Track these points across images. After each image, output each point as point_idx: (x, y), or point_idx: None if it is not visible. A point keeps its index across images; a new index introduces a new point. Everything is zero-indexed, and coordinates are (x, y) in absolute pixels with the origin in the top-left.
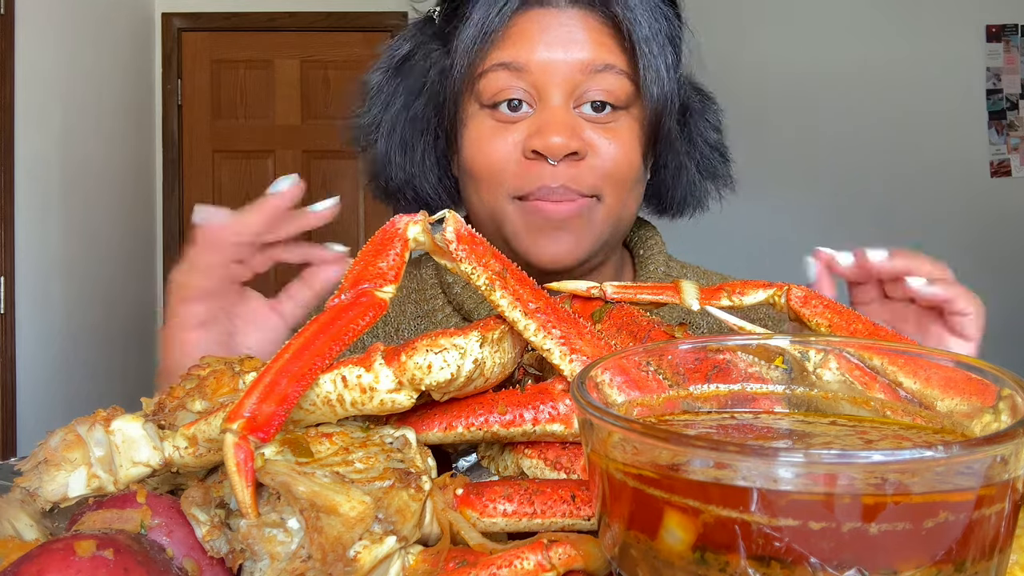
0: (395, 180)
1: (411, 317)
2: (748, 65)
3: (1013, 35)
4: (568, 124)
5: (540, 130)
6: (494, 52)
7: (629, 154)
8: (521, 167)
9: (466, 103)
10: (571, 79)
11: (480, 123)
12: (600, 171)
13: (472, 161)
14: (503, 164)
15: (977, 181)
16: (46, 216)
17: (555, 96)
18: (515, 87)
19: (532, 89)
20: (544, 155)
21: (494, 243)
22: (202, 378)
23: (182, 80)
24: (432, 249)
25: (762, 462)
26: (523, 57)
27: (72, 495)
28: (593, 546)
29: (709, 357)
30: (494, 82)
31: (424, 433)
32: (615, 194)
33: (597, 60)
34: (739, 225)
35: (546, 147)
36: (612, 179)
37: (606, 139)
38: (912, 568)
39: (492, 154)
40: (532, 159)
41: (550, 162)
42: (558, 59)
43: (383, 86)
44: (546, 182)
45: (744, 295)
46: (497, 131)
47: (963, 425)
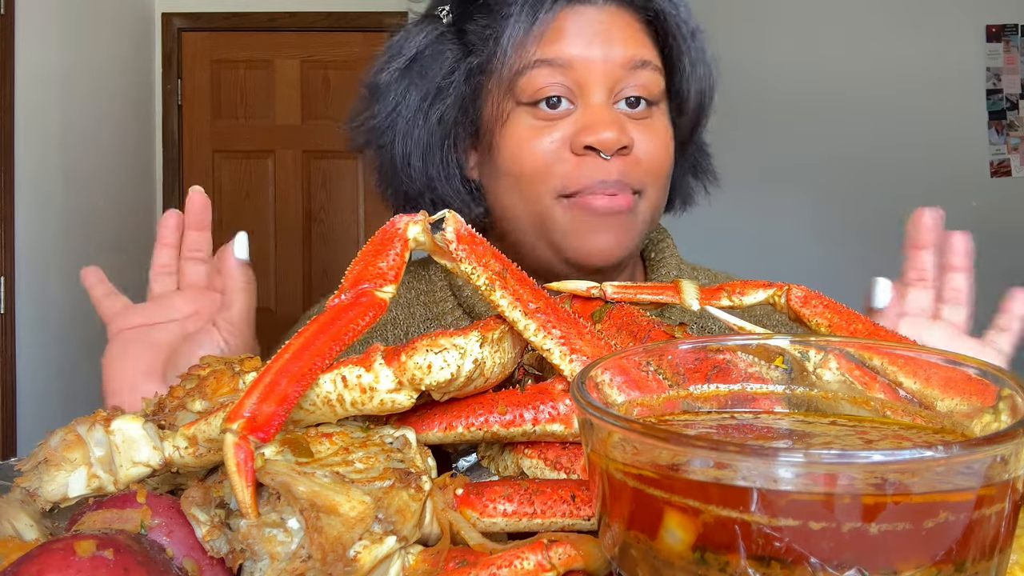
0: (415, 185)
1: (421, 320)
2: (748, 65)
3: (1013, 35)
4: (616, 120)
5: (590, 126)
6: (534, 49)
7: (667, 148)
8: (571, 164)
9: (503, 102)
10: (612, 75)
11: (521, 121)
12: (645, 166)
13: (515, 160)
14: (549, 162)
15: (977, 181)
16: (46, 216)
17: (597, 92)
18: (556, 84)
19: (573, 86)
20: (597, 150)
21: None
22: (202, 378)
23: (182, 80)
24: (432, 249)
25: (762, 462)
26: (565, 54)
27: (72, 495)
28: (593, 546)
29: (709, 357)
30: (536, 79)
31: (424, 433)
32: (656, 189)
33: (636, 57)
34: (738, 225)
35: (600, 142)
36: (655, 174)
37: (646, 136)
38: (912, 568)
39: (536, 152)
40: (583, 155)
41: (603, 156)
42: (599, 56)
43: (393, 87)
44: (601, 176)
45: (744, 295)
46: (539, 129)
47: (963, 425)
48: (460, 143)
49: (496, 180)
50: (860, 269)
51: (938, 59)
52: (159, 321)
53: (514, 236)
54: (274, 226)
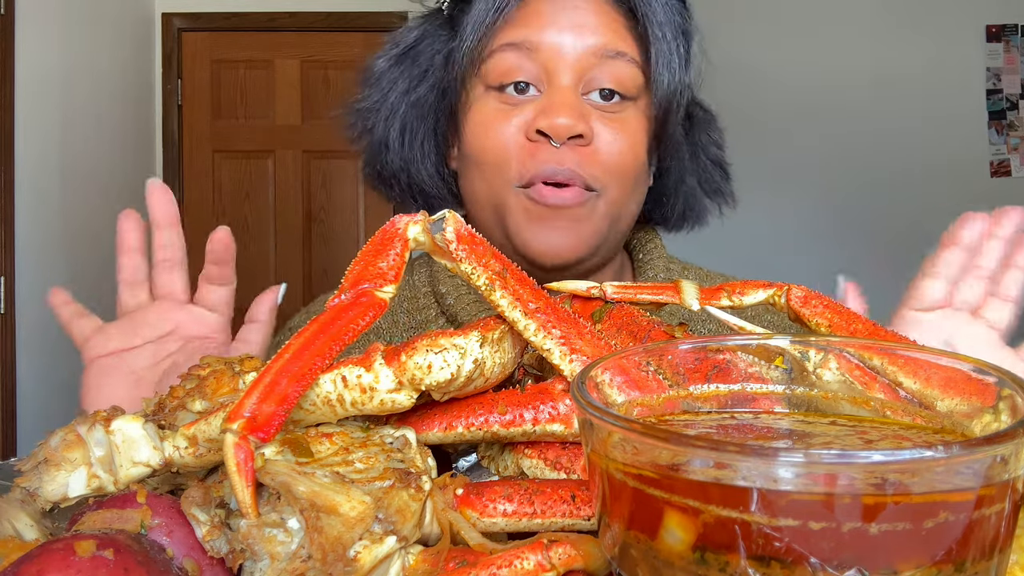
0: (391, 166)
1: (403, 328)
2: (748, 65)
3: (1013, 35)
4: (575, 106)
5: (545, 110)
6: (503, 32)
7: (635, 147)
8: (524, 150)
9: (472, 86)
10: (581, 62)
11: (485, 105)
12: (605, 162)
13: (476, 145)
14: (507, 148)
15: (977, 181)
16: (46, 216)
17: (564, 78)
18: (523, 68)
19: (541, 71)
20: (548, 136)
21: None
22: (202, 378)
23: (182, 80)
24: (432, 249)
25: (762, 462)
26: (534, 37)
27: (72, 495)
28: (593, 546)
29: (709, 357)
30: (502, 62)
31: (424, 433)
32: (618, 188)
33: (609, 46)
34: (738, 225)
35: (551, 127)
36: (616, 172)
37: (612, 130)
38: (912, 568)
39: (497, 137)
40: (536, 141)
41: (553, 143)
42: (569, 41)
43: (386, 73)
44: (551, 164)
45: (744, 295)
46: (503, 113)
47: (963, 425)
48: (439, 129)
49: (464, 166)
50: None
51: (938, 59)
52: (133, 345)
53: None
54: (274, 226)
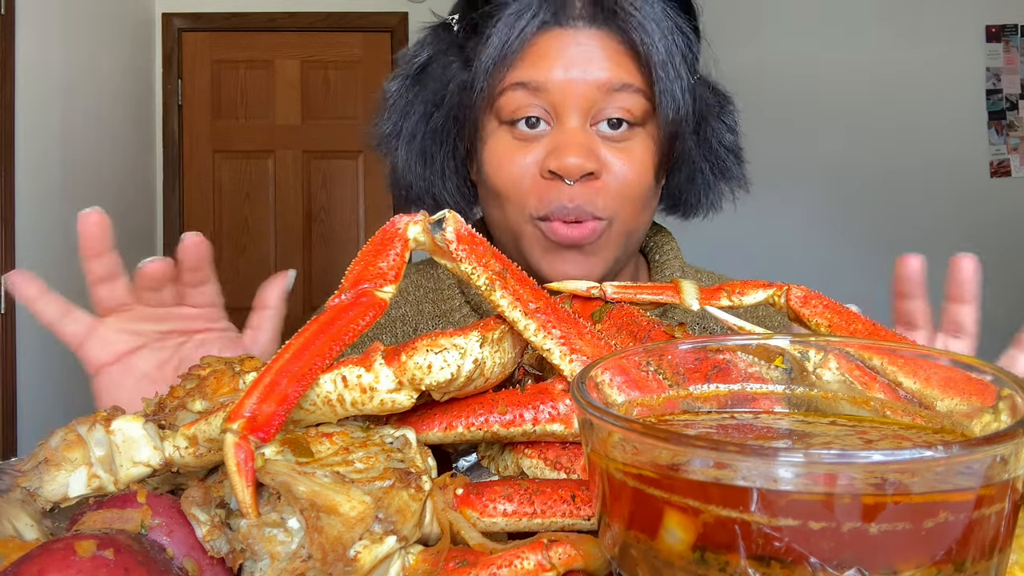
0: (415, 188)
1: (429, 317)
2: (747, 66)
3: (1013, 35)
4: (585, 145)
5: (557, 150)
6: (513, 72)
7: (642, 175)
8: (538, 186)
9: (486, 120)
10: (588, 98)
11: (499, 140)
12: (614, 192)
13: (493, 179)
14: (521, 182)
15: (977, 181)
16: (46, 216)
17: (572, 116)
18: (533, 105)
19: (550, 107)
20: (561, 176)
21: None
22: (202, 378)
23: (182, 80)
24: (432, 249)
25: (762, 462)
26: (541, 77)
27: (72, 495)
28: (593, 546)
29: (709, 357)
30: (512, 101)
31: (424, 433)
32: (628, 213)
33: (615, 80)
34: (739, 225)
35: (563, 167)
36: (625, 200)
37: (620, 160)
38: (912, 568)
39: (512, 173)
40: (549, 179)
41: (567, 182)
42: (576, 79)
43: (402, 94)
44: (563, 202)
45: (744, 295)
46: (516, 149)
47: (963, 425)
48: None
49: (483, 191)
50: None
51: (938, 59)
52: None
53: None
54: (274, 226)
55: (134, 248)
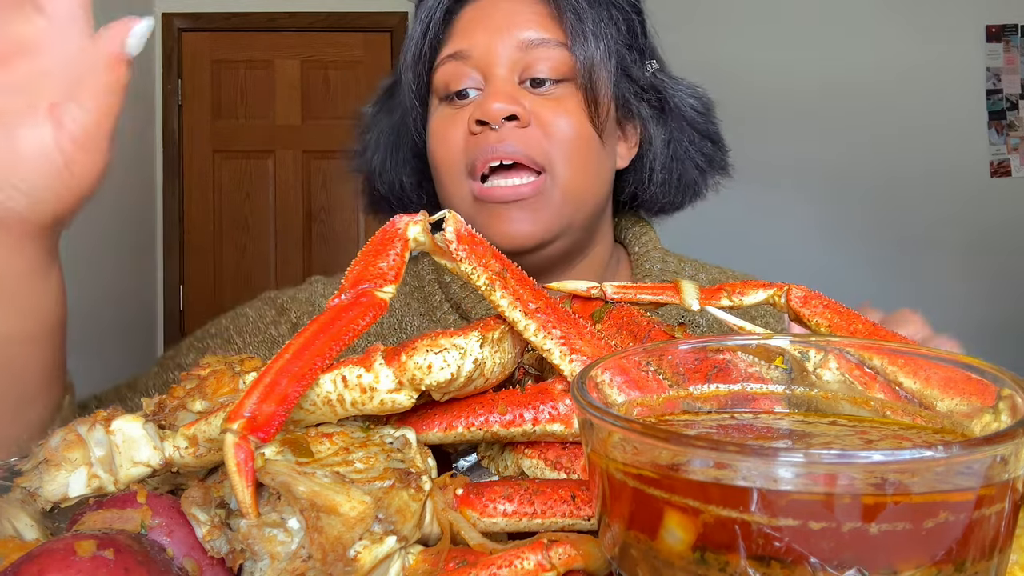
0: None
1: (415, 313)
2: (747, 65)
3: (1013, 35)
4: (509, 93)
5: (481, 103)
6: (443, 47)
7: (575, 124)
8: (469, 142)
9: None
10: (511, 57)
11: (438, 115)
12: (548, 138)
13: (432, 152)
14: (455, 147)
15: (977, 181)
16: None
17: (498, 74)
18: (463, 74)
19: (479, 73)
20: (487, 122)
21: None
22: (202, 378)
23: (182, 80)
24: (432, 249)
25: (762, 462)
26: (466, 44)
27: (72, 495)
28: (593, 546)
29: (709, 357)
30: (444, 74)
31: (424, 433)
32: (567, 165)
33: (534, 36)
34: (739, 225)
35: (486, 112)
36: (562, 148)
37: (550, 108)
38: (912, 568)
39: (448, 139)
40: (478, 132)
41: (492, 127)
42: (497, 40)
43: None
44: (495, 145)
45: (744, 295)
46: (451, 118)
47: (963, 425)
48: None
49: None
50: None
51: (938, 59)
52: None
53: None
54: (274, 226)
55: (134, 248)
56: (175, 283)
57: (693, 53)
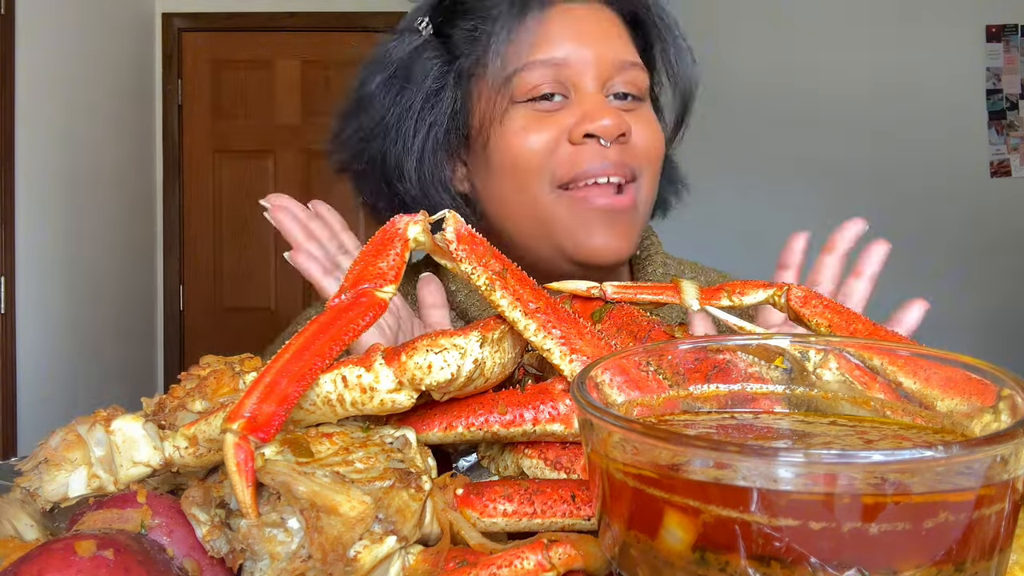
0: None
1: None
2: (748, 65)
3: (1013, 35)
4: (611, 108)
5: (589, 115)
6: (526, 49)
7: (661, 137)
8: (570, 152)
9: (496, 102)
10: (603, 73)
11: (516, 116)
12: (642, 152)
13: (512, 155)
14: (548, 153)
15: (977, 181)
16: (46, 216)
17: (590, 86)
18: (550, 81)
19: (567, 81)
20: (597, 137)
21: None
22: (202, 378)
23: (182, 80)
24: (432, 249)
25: (762, 462)
26: (558, 54)
27: (72, 495)
28: (593, 546)
29: (709, 357)
30: (529, 79)
31: (424, 433)
32: (650, 175)
33: (625, 57)
34: (739, 225)
35: (600, 129)
36: (650, 159)
37: (639, 123)
38: (912, 568)
39: (535, 144)
40: (582, 144)
41: (602, 143)
42: (590, 54)
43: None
44: (600, 160)
45: (744, 295)
46: (537, 121)
47: (963, 425)
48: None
49: (492, 182)
50: None
51: (938, 59)
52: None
53: (515, 238)
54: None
55: (134, 248)
56: (175, 283)
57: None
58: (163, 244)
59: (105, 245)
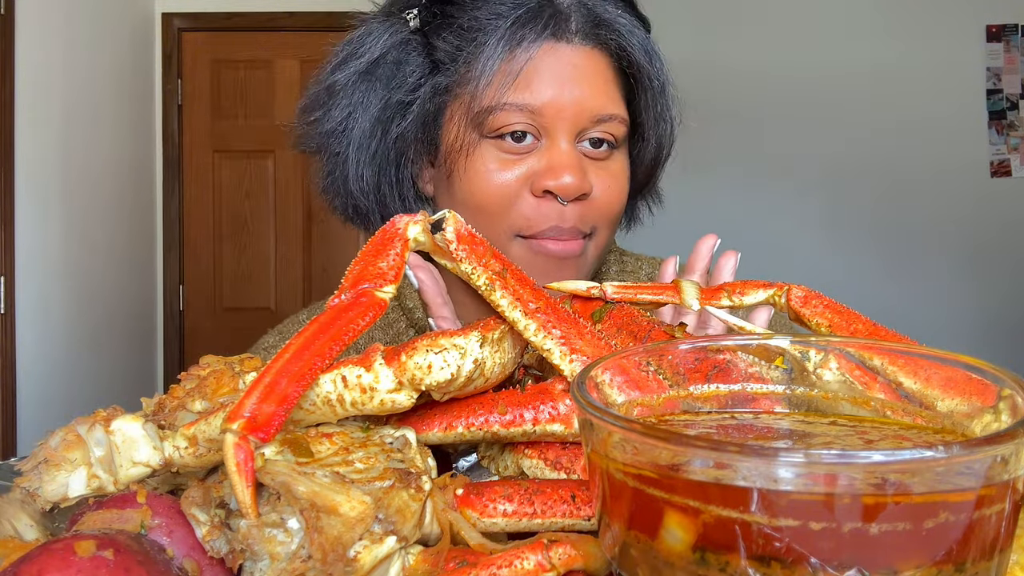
0: (366, 200)
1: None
2: (748, 65)
3: (1013, 35)
4: (578, 165)
5: (552, 169)
6: (507, 90)
7: (623, 191)
8: (530, 205)
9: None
10: (579, 123)
11: (483, 154)
12: (600, 211)
13: (476, 193)
14: (510, 199)
15: (977, 181)
16: (46, 216)
17: (562, 134)
18: (522, 122)
19: (540, 125)
20: (555, 194)
21: None
22: (202, 378)
23: (182, 80)
24: (432, 249)
25: (762, 462)
26: (537, 99)
27: (72, 495)
28: (593, 546)
29: (709, 357)
30: (503, 118)
31: (424, 433)
32: (605, 230)
33: (604, 111)
34: (739, 225)
35: (560, 188)
36: (607, 217)
37: (604, 179)
38: (912, 568)
39: (500, 188)
40: (542, 198)
41: (561, 201)
42: (568, 102)
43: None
44: (556, 223)
45: (744, 295)
46: (503, 164)
47: (963, 425)
48: (417, 158)
49: (452, 206)
50: (860, 269)
51: (938, 59)
52: None
53: None
54: (274, 226)
55: (134, 248)
56: (175, 283)
57: (693, 52)
58: (163, 244)
59: (105, 245)
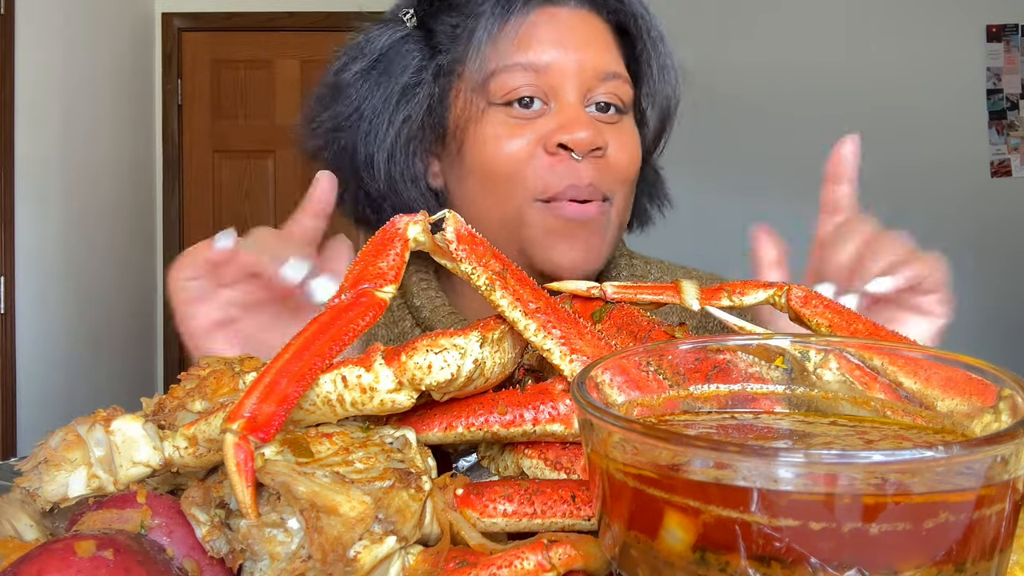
0: (378, 187)
1: (383, 341)
2: (748, 65)
3: (1013, 35)
4: (590, 121)
5: (565, 126)
6: (507, 51)
7: (637, 154)
8: (544, 165)
9: (472, 102)
10: (585, 81)
11: (492, 120)
12: (616, 170)
13: (487, 160)
14: (523, 162)
15: (977, 181)
16: (46, 216)
17: (570, 94)
18: (529, 85)
19: (547, 87)
20: (570, 149)
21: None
22: (202, 378)
23: (182, 80)
24: (432, 249)
25: (762, 462)
26: (540, 58)
27: (72, 495)
28: (593, 546)
29: (709, 357)
30: (508, 81)
31: (424, 433)
32: (624, 195)
33: (609, 68)
34: (738, 224)
35: (574, 142)
36: (625, 179)
37: (617, 138)
38: (912, 568)
39: (510, 151)
40: (556, 155)
41: (575, 157)
42: (572, 61)
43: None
44: (573, 181)
45: (744, 295)
46: (513, 128)
47: (963, 425)
48: (424, 147)
49: (464, 182)
50: None
51: (938, 59)
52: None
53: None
54: (274, 226)
55: (134, 248)
56: None
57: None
58: (163, 244)
59: (105, 245)
